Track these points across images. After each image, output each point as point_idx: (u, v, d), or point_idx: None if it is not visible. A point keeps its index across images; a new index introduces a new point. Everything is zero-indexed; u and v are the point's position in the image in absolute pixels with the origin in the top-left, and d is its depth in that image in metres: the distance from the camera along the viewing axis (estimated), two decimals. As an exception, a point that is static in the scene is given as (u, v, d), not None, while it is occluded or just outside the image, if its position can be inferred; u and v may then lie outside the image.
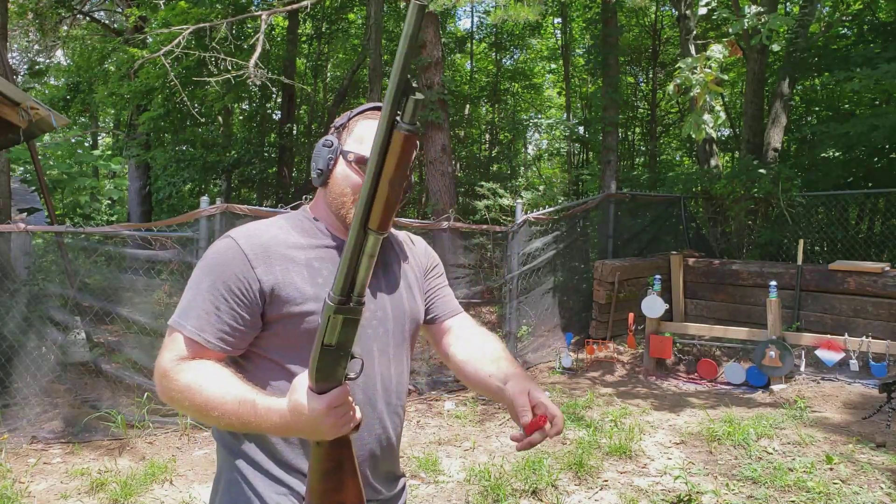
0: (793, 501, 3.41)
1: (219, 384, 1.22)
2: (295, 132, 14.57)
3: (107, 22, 15.41)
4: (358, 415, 1.20)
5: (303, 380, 1.16)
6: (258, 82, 6.90)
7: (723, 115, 5.82)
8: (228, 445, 1.36)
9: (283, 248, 1.33)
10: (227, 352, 1.30)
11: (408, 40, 0.95)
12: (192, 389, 1.22)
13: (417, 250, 1.56)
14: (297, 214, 1.44)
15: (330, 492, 1.21)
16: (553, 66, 18.19)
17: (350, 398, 1.16)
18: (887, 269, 6.06)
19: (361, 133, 1.35)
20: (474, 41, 17.08)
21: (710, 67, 5.28)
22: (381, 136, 1.01)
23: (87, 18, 14.87)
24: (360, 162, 1.33)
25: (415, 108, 1.00)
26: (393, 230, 1.57)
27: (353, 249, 1.07)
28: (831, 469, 3.77)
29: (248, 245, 1.31)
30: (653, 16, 14.42)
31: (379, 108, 1.34)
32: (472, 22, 17.76)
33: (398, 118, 1.00)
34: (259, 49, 6.86)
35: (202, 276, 1.31)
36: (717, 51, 5.29)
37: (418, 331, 1.54)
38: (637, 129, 16.87)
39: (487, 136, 18.73)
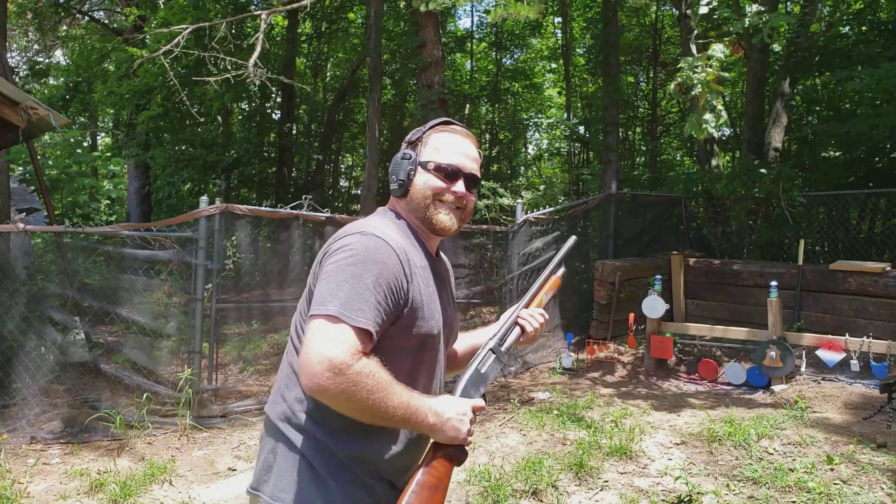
0: (793, 502, 3.40)
1: (401, 385, 1.32)
2: (294, 132, 14.55)
3: (106, 21, 15.39)
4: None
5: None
6: (258, 82, 6.87)
7: (724, 114, 5.81)
8: (297, 430, 1.38)
9: (408, 255, 1.41)
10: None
11: (561, 259, 1.70)
12: (387, 389, 1.27)
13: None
14: (393, 217, 1.51)
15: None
16: (553, 65, 18.15)
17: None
18: (888, 269, 6.05)
19: (436, 144, 1.50)
20: (474, 41, 17.05)
21: (711, 66, 5.27)
22: (546, 274, 1.69)
23: (87, 18, 14.85)
24: (439, 170, 1.48)
25: (558, 265, 1.70)
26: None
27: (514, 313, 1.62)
28: (832, 469, 3.76)
29: (397, 246, 1.38)
30: (653, 15, 14.38)
31: (448, 122, 1.57)
32: (472, 21, 17.82)
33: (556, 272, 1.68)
34: (258, 48, 6.84)
35: (362, 270, 1.31)
36: (718, 50, 5.28)
37: None
38: (638, 129, 16.82)
39: (487, 135, 18.71)
